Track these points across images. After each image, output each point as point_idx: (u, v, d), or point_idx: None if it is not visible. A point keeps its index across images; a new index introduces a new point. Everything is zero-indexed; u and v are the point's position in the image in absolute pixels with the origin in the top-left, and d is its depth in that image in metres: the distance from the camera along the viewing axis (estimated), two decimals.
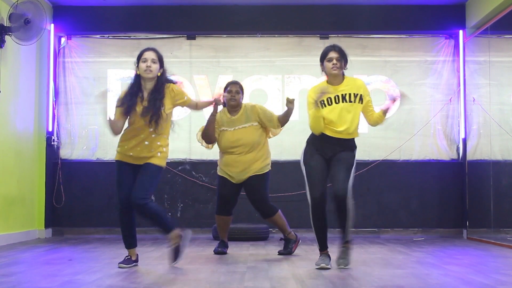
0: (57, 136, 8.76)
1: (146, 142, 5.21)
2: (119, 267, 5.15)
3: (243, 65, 8.97)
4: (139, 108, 5.18)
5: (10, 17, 7.25)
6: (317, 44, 8.94)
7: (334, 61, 5.22)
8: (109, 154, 8.78)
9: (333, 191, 5.20)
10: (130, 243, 5.33)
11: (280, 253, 6.33)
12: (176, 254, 5.30)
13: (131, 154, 5.22)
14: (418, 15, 8.77)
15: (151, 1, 8.65)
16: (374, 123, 5.41)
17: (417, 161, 8.77)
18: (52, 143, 8.61)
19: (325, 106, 5.27)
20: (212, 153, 8.17)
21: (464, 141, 8.63)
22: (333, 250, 5.45)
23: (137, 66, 5.31)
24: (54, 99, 8.72)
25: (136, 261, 5.34)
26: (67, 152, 8.83)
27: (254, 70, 8.96)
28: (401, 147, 8.75)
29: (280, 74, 8.94)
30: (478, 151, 8.31)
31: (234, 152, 6.28)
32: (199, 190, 8.75)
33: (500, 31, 7.95)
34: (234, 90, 6.38)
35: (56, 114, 8.74)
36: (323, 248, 5.39)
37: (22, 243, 7.56)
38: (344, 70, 5.32)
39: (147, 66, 5.21)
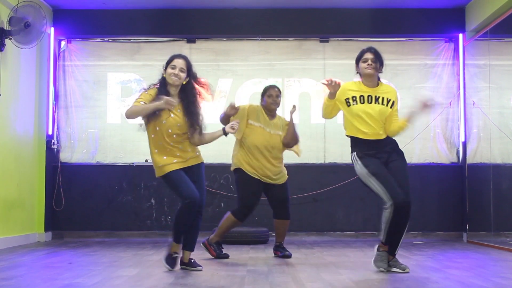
0: (57, 140, 8.76)
1: (186, 149, 5.30)
2: (182, 269, 5.27)
3: (243, 68, 8.98)
4: (177, 118, 5.20)
5: (10, 20, 7.25)
6: (317, 48, 8.96)
7: (369, 62, 5.23)
8: (109, 157, 8.79)
9: (399, 198, 5.07)
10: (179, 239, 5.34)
11: (283, 256, 6.32)
12: (198, 265, 5.39)
13: (177, 161, 5.24)
14: (418, 19, 8.78)
15: (151, 4, 8.65)
16: (394, 132, 5.35)
17: (417, 165, 8.77)
18: (52, 146, 8.61)
19: (357, 103, 5.25)
20: (211, 156, 8.22)
21: (464, 145, 8.63)
22: (334, 254, 5.43)
23: (165, 70, 5.29)
24: (54, 103, 8.72)
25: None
26: (67, 156, 8.83)
27: (254, 73, 8.96)
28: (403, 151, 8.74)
29: (280, 77, 8.95)
30: (478, 155, 8.31)
31: (265, 154, 6.31)
32: None
33: (500, 35, 7.95)
34: (274, 94, 6.45)
35: (56, 118, 8.74)
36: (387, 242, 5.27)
37: (22, 246, 7.56)
38: (379, 73, 5.33)
39: (174, 74, 5.22)
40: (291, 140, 6.44)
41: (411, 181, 8.59)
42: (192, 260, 5.34)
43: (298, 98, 8.86)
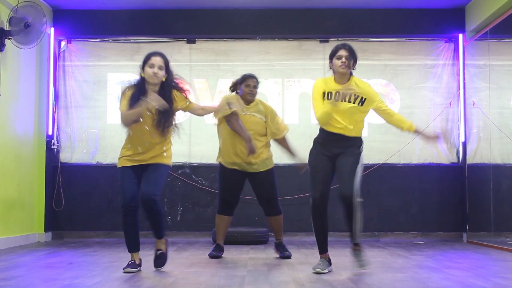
0: (57, 140, 8.76)
1: (151, 147, 5.22)
2: (125, 272, 5.12)
3: (243, 68, 8.95)
4: (148, 117, 5.16)
5: (10, 20, 7.25)
6: (317, 48, 8.96)
7: (343, 59, 5.18)
8: (109, 157, 8.78)
9: (339, 191, 5.14)
10: (134, 247, 5.30)
11: (282, 257, 6.31)
12: (163, 259, 5.34)
13: (137, 158, 5.23)
14: (417, 19, 8.78)
15: (151, 5, 8.65)
16: (397, 125, 5.33)
17: (417, 165, 8.77)
18: (52, 146, 8.61)
19: (325, 99, 5.21)
20: (212, 157, 8.17)
21: (464, 145, 8.63)
22: (334, 254, 5.43)
23: (143, 69, 5.25)
24: (54, 103, 8.72)
25: (140, 265, 5.32)
26: (67, 156, 8.83)
27: (254, 73, 8.91)
28: (401, 151, 8.75)
29: (280, 77, 8.95)
30: (478, 155, 8.31)
31: (237, 137, 6.24)
32: (199, 193, 8.74)
33: (500, 35, 7.95)
34: (252, 84, 6.44)
35: (56, 118, 8.74)
36: (322, 251, 5.34)
37: (22, 246, 7.56)
38: (352, 70, 5.28)
39: (153, 73, 5.17)
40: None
41: (411, 181, 8.71)
42: (158, 253, 5.33)
43: (298, 99, 8.86)
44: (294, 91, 8.92)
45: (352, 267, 5.27)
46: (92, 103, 8.92)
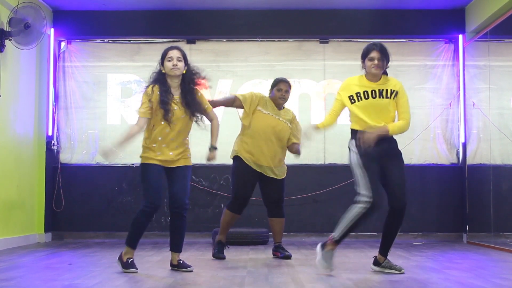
0: (57, 141, 8.76)
1: (177, 145, 5.27)
2: (128, 272, 5.15)
3: (243, 69, 8.98)
4: (179, 111, 5.23)
5: (10, 21, 7.25)
6: (317, 49, 8.97)
7: (376, 61, 5.14)
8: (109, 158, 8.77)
9: (394, 203, 5.08)
10: (136, 244, 5.30)
11: (283, 257, 6.30)
12: (186, 265, 5.35)
13: (161, 158, 5.22)
14: (417, 20, 8.78)
15: (151, 5, 8.65)
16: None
17: (417, 165, 8.77)
18: (52, 147, 8.61)
19: (361, 99, 5.18)
20: None
21: (464, 145, 8.63)
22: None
23: (162, 65, 5.29)
24: (54, 104, 8.72)
25: None
26: (67, 157, 8.83)
27: (254, 74, 8.96)
28: (401, 151, 8.73)
29: None
30: (478, 155, 8.31)
31: (271, 139, 6.27)
32: (199, 194, 8.74)
33: (500, 36, 7.96)
34: (284, 88, 6.41)
35: (56, 119, 8.74)
36: (339, 241, 5.19)
37: (22, 247, 7.56)
38: (386, 69, 5.27)
39: (173, 65, 5.22)
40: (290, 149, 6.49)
41: (412, 182, 8.68)
42: (181, 261, 5.34)
43: (298, 99, 8.86)
44: (294, 91, 8.91)
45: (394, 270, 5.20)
46: (92, 103, 8.92)
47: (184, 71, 5.32)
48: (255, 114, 6.32)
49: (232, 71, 8.95)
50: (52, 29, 8.66)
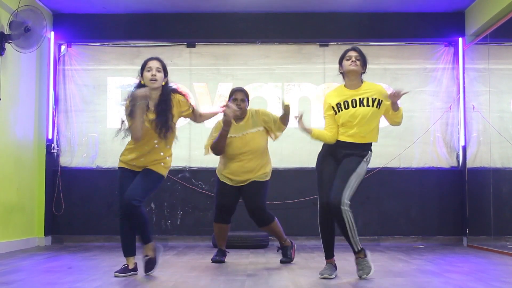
0: (57, 144, 8.76)
1: (150, 153, 5.21)
2: (115, 276, 5.11)
3: (243, 72, 8.98)
4: (147, 121, 5.15)
5: (10, 25, 7.26)
6: (317, 52, 8.97)
7: (353, 59, 5.14)
8: (109, 161, 8.78)
9: (329, 198, 5.05)
10: (129, 251, 5.27)
11: (281, 261, 6.28)
12: (151, 265, 5.26)
13: (134, 164, 5.22)
14: (417, 23, 8.78)
15: (151, 9, 8.66)
16: (392, 122, 5.32)
17: (417, 169, 8.77)
18: (52, 150, 8.61)
19: (342, 110, 5.15)
20: (211, 161, 8.17)
21: (464, 149, 8.63)
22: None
23: (141, 76, 5.26)
24: (54, 107, 8.73)
25: (135, 270, 5.27)
26: (67, 160, 8.83)
27: (254, 77, 8.97)
28: (401, 155, 8.75)
29: (280, 81, 8.95)
30: (478, 159, 8.31)
31: (241, 159, 6.21)
32: (199, 197, 8.74)
33: (500, 39, 7.95)
34: (239, 98, 6.30)
35: (56, 122, 8.74)
36: (328, 256, 5.23)
37: (22, 251, 7.56)
38: (363, 73, 5.25)
39: (152, 75, 5.18)
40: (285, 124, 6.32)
41: (411, 186, 8.70)
42: (146, 258, 5.26)
43: (298, 103, 8.86)
44: (294, 95, 8.92)
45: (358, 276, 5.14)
46: (92, 107, 8.92)
47: (164, 83, 5.27)
48: (227, 143, 6.24)
49: (232, 74, 8.95)
50: (52, 33, 8.66)
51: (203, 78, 8.99)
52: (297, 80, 8.95)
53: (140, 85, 5.26)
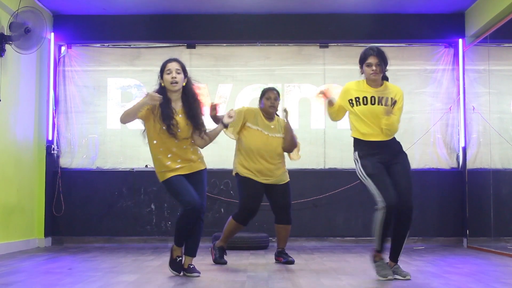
0: (57, 145, 8.76)
1: (189, 154, 5.26)
2: (184, 274, 5.22)
3: (243, 73, 8.98)
4: (181, 123, 5.17)
5: (10, 26, 7.26)
6: (317, 53, 8.97)
7: (374, 67, 5.12)
8: (109, 163, 8.79)
9: (399, 204, 5.00)
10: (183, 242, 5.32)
11: (286, 262, 6.27)
12: (196, 272, 5.28)
13: (177, 166, 5.21)
14: (417, 24, 8.79)
15: (151, 10, 8.66)
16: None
17: (417, 170, 8.75)
18: (52, 152, 8.61)
19: (360, 104, 5.15)
20: (212, 162, 8.20)
21: (464, 150, 8.63)
22: (335, 259, 5.41)
23: (161, 78, 5.25)
24: (54, 108, 8.73)
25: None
26: (67, 161, 8.83)
27: (254, 78, 8.97)
28: (406, 153, 8.72)
29: (280, 82, 8.95)
30: (478, 160, 8.31)
31: (265, 157, 6.24)
32: None
33: (500, 40, 7.96)
34: (273, 96, 6.39)
35: (56, 123, 8.74)
36: (382, 250, 5.17)
37: (22, 252, 7.55)
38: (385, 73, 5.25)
39: (172, 78, 5.18)
40: (289, 145, 6.38)
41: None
42: (191, 266, 5.32)
43: (298, 104, 8.86)
44: (294, 96, 8.93)
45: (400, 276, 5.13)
46: (92, 108, 8.92)
47: (184, 84, 5.28)
48: (245, 130, 6.31)
49: (232, 75, 8.95)
50: (52, 34, 8.67)
51: (203, 79, 8.96)
52: (297, 81, 8.95)
53: (161, 88, 5.24)
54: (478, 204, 8.18)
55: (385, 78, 5.31)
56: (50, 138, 8.62)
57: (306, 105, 8.88)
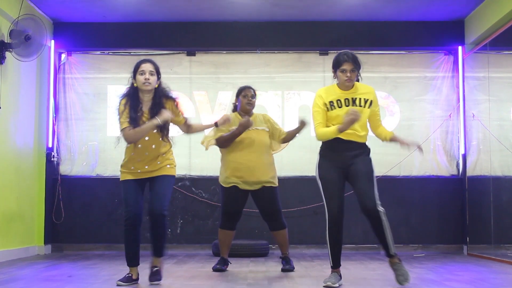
0: (57, 152, 8.76)
1: (153, 158, 5.16)
2: (117, 285, 5.09)
3: (243, 81, 8.94)
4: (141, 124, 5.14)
5: (10, 33, 7.28)
6: (317, 60, 8.98)
7: (348, 74, 5.08)
8: (109, 170, 8.78)
9: (362, 205, 5.03)
10: (133, 261, 5.23)
11: (284, 269, 6.25)
12: (159, 276, 5.22)
13: (139, 171, 5.18)
14: (417, 32, 8.80)
15: (151, 17, 8.68)
16: (379, 135, 5.33)
17: (417, 177, 8.76)
18: (52, 159, 8.61)
19: (335, 108, 5.12)
20: (212, 169, 8.22)
21: (464, 157, 8.63)
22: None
23: (134, 78, 5.22)
24: (54, 115, 8.73)
25: (137, 280, 5.25)
26: (67, 168, 8.83)
27: (254, 86, 8.80)
28: (401, 163, 8.75)
29: (280, 90, 8.96)
30: (478, 167, 8.31)
31: (246, 153, 6.22)
32: (199, 206, 8.74)
33: (499, 47, 7.97)
34: (249, 94, 6.44)
35: (56, 130, 8.75)
36: (335, 266, 5.19)
37: (22, 259, 7.54)
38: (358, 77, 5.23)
39: (145, 79, 5.13)
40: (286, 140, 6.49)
41: (411, 194, 8.70)
42: (155, 269, 5.23)
43: (297, 111, 8.87)
44: (294, 103, 8.93)
45: (396, 283, 5.08)
46: (92, 115, 8.93)
47: (157, 85, 5.23)
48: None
49: (232, 83, 8.95)
50: (53, 41, 8.68)
51: (203, 86, 9.01)
52: (297, 88, 8.96)
53: (132, 88, 5.21)
54: (478, 211, 8.17)
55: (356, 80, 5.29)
56: (50, 145, 8.62)
57: (306, 112, 8.85)
